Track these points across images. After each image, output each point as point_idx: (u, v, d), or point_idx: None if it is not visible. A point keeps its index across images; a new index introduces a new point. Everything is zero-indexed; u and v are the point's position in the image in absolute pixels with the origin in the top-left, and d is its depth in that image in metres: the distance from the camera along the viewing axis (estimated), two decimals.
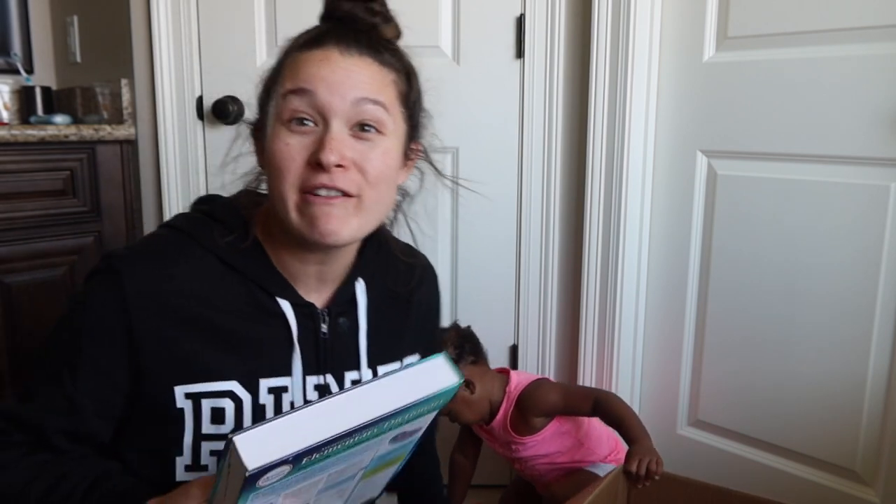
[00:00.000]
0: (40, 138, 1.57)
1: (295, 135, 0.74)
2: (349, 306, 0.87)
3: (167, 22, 1.59)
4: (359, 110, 0.74)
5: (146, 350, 0.76)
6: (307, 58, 0.76)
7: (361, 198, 0.76)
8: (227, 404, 0.78)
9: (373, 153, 0.75)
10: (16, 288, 1.59)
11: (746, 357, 1.43)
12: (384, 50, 0.79)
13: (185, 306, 0.77)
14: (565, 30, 1.54)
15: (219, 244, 0.80)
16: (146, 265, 0.77)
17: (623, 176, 1.49)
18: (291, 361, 0.81)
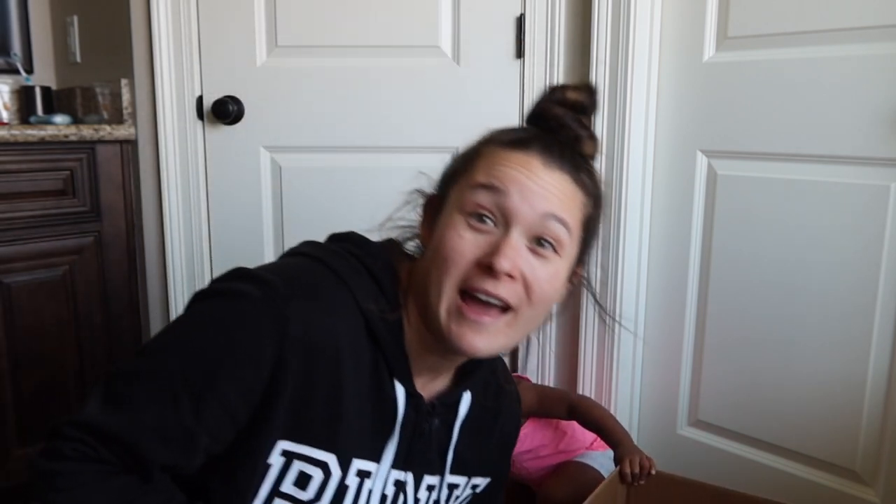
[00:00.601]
0: (40, 138, 1.57)
1: (471, 230, 0.71)
2: (448, 411, 0.84)
3: (167, 22, 1.59)
4: (543, 225, 0.71)
5: (280, 396, 0.69)
6: (507, 157, 0.73)
7: (517, 313, 0.72)
8: (316, 473, 0.74)
9: (543, 272, 0.72)
10: (16, 288, 1.59)
11: (746, 357, 1.43)
12: (582, 169, 0.76)
13: (330, 364, 0.71)
14: (565, 30, 1.54)
15: (372, 311, 0.74)
16: (314, 311, 0.70)
17: (623, 176, 1.49)
18: (384, 449, 0.78)
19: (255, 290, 0.70)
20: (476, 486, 0.93)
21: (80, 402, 1.71)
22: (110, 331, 1.74)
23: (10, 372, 1.60)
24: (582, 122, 0.77)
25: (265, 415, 0.70)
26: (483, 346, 0.72)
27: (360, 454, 0.76)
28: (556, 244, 0.72)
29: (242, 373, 0.68)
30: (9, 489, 1.68)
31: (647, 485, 1.18)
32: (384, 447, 0.78)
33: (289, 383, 0.69)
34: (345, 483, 0.76)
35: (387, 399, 0.76)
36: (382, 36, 1.59)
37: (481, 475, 0.92)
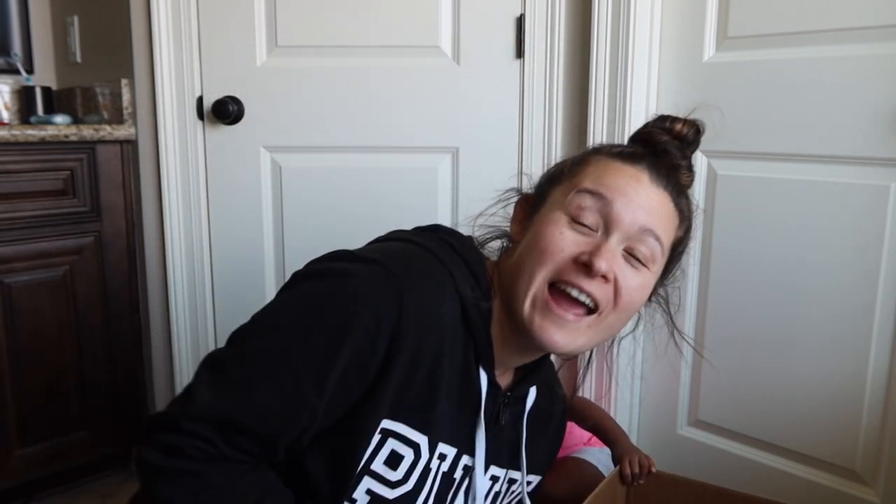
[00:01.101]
0: (40, 138, 1.57)
1: (573, 230, 0.74)
2: (516, 403, 0.87)
3: (167, 22, 1.59)
4: (641, 237, 0.74)
5: (390, 376, 0.70)
6: (618, 168, 0.76)
7: (601, 316, 0.75)
8: (408, 454, 0.75)
9: (634, 281, 0.75)
10: (16, 288, 1.59)
11: (746, 357, 1.43)
12: (683, 195, 0.80)
13: (435, 342, 0.73)
14: (565, 30, 1.54)
15: (468, 298, 0.76)
16: (426, 290, 0.72)
17: None
18: (475, 437, 0.81)
19: (365, 269, 0.71)
20: (529, 484, 0.95)
21: (80, 401, 1.72)
22: (110, 331, 1.74)
23: (10, 372, 1.60)
24: (684, 153, 0.82)
25: (377, 390, 0.70)
26: (563, 342, 0.74)
27: (445, 437, 0.78)
28: (649, 259, 0.75)
29: (362, 348, 0.68)
30: (9, 489, 1.68)
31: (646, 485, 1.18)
32: (468, 432, 0.80)
33: (401, 359, 0.70)
34: (429, 466, 0.77)
35: (471, 384, 0.78)
36: (382, 36, 1.59)
37: (536, 473, 0.95)
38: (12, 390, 1.61)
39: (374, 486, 0.75)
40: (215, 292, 1.72)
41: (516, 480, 0.92)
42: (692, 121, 0.84)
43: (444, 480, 0.80)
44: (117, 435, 1.81)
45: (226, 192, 1.67)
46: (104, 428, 1.77)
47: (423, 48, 1.59)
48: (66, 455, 1.72)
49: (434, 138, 1.62)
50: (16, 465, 1.64)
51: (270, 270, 1.71)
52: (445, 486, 0.81)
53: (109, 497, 1.80)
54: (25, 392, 1.63)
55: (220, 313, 1.73)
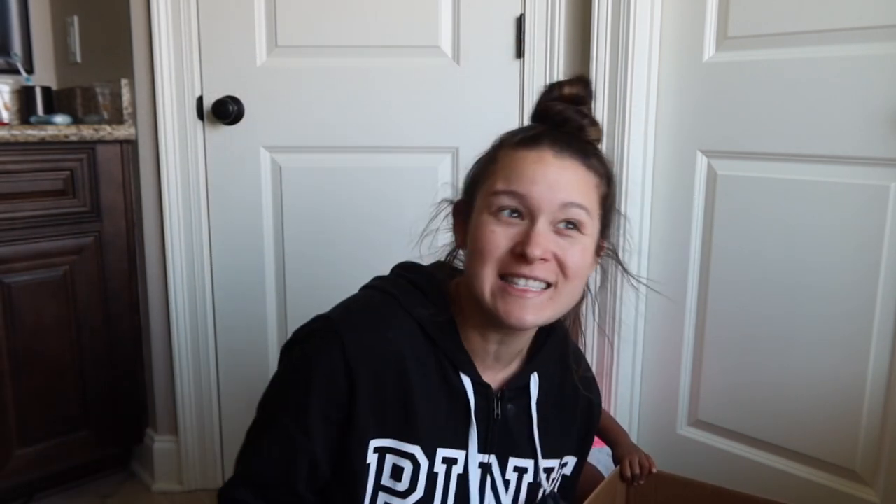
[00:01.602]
0: (40, 138, 1.57)
1: (502, 224, 0.79)
2: (520, 394, 0.91)
3: (167, 22, 1.59)
4: (564, 212, 0.79)
5: (360, 402, 0.81)
6: (523, 157, 0.81)
7: (557, 289, 0.81)
8: (406, 465, 0.84)
9: (572, 249, 0.80)
10: (16, 288, 1.59)
11: (746, 357, 1.43)
12: (591, 155, 0.83)
13: (393, 366, 0.83)
14: (565, 30, 1.54)
15: (423, 315, 0.85)
16: (362, 324, 0.84)
17: (623, 176, 1.49)
18: (468, 437, 0.87)
19: (319, 325, 0.84)
20: (565, 465, 1.00)
21: (80, 401, 1.72)
22: (110, 331, 1.74)
23: (10, 372, 1.60)
24: (583, 112, 0.85)
25: (355, 418, 0.82)
26: (530, 318, 0.80)
27: (443, 444, 0.85)
28: (580, 225, 0.80)
29: (327, 390, 0.81)
30: (9, 489, 1.68)
31: (647, 485, 1.18)
32: (467, 434, 0.87)
33: (363, 388, 0.81)
34: (433, 471, 0.85)
35: (456, 391, 0.86)
36: (382, 36, 1.59)
37: (569, 454, 1.00)
38: (12, 390, 1.61)
39: (389, 499, 0.84)
40: (215, 292, 1.72)
41: (553, 468, 0.96)
42: (576, 78, 0.88)
43: (461, 482, 0.86)
44: (117, 435, 1.81)
45: (226, 192, 1.67)
46: (104, 428, 1.77)
47: (423, 48, 1.59)
48: (66, 455, 1.72)
49: (434, 138, 1.62)
50: (16, 465, 1.64)
51: (270, 270, 1.71)
52: (464, 487, 0.87)
53: (109, 497, 1.80)
54: (25, 392, 1.63)
55: (220, 313, 1.73)
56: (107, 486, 1.84)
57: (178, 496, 1.79)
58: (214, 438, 1.79)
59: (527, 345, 0.92)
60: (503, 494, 0.90)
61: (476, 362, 0.88)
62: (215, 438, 1.79)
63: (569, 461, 1.01)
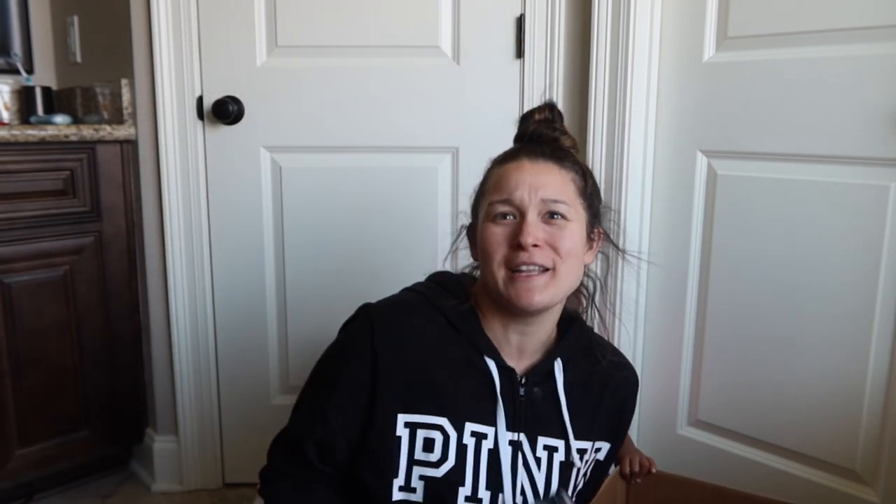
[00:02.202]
0: (40, 138, 1.57)
1: (500, 226, 0.93)
2: (545, 379, 1.00)
3: (167, 22, 1.59)
4: (547, 204, 0.93)
5: (383, 380, 0.93)
6: (505, 169, 0.96)
7: (556, 270, 0.92)
8: (437, 436, 0.93)
9: (561, 234, 0.93)
10: (16, 288, 1.59)
11: (746, 357, 1.43)
12: (564, 157, 0.98)
13: (418, 350, 0.95)
14: (565, 30, 1.54)
15: (446, 306, 0.98)
16: (393, 313, 0.97)
17: (623, 176, 1.49)
18: (496, 414, 0.96)
19: (359, 311, 0.99)
20: (599, 451, 1.07)
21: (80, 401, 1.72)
22: (110, 331, 1.74)
23: (10, 372, 1.60)
24: (554, 127, 1.03)
25: (380, 396, 0.93)
26: (539, 298, 0.91)
27: (471, 418, 0.94)
28: (563, 214, 0.93)
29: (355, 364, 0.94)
30: (9, 489, 1.68)
31: (647, 484, 1.18)
32: (494, 412, 0.95)
33: (388, 367, 0.93)
34: (463, 443, 0.94)
35: (481, 372, 0.96)
36: (382, 36, 1.59)
37: (602, 439, 1.07)
38: (12, 390, 1.61)
39: (423, 471, 0.93)
40: (215, 292, 1.72)
41: (586, 450, 1.03)
42: (544, 105, 1.06)
43: (492, 457, 0.95)
44: (117, 435, 1.81)
45: (226, 192, 1.67)
46: (104, 428, 1.77)
47: (423, 48, 1.59)
48: (66, 455, 1.72)
49: (434, 138, 1.62)
50: (16, 465, 1.64)
51: (270, 270, 1.71)
52: (496, 462, 0.95)
53: (109, 497, 1.80)
54: (25, 392, 1.63)
55: (220, 313, 1.73)
56: (107, 486, 1.84)
57: (178, 496, 1.79)
58: (214, 438, 1.79)
59: (549, 337, 1.02)
60: (535, 471, 0.97)
61: (501, 352, 0.97)
62: (215, 438, 1.79)
63: (602, 447, 1.07)
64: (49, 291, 1.64)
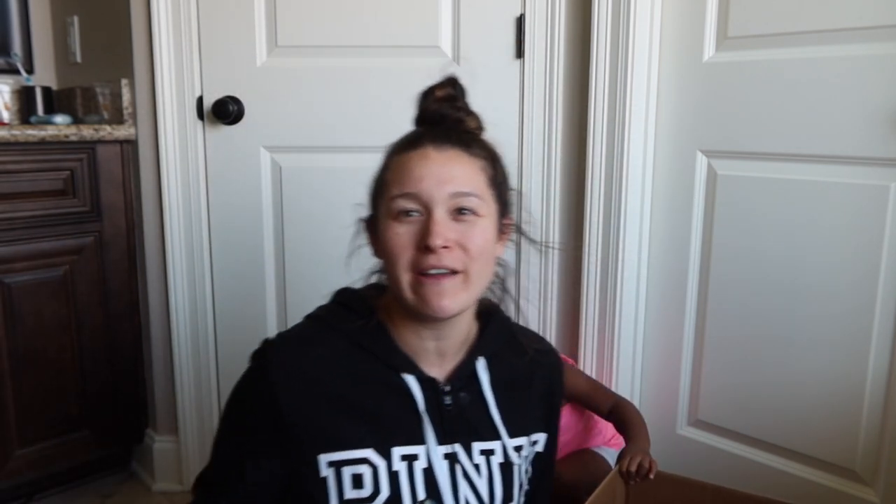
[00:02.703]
0: (40, 138, 1.57)
1: (404, 224, 0.85)
2: (470, 382, 0.93)
3: (167, 22, 1.59)
4: (455, 201, 0.84)
5: (293, 424, 0.85)
6: (408, 158, 0.87)
7: (467, 272, 0.85)
8: (364, 470, 0.86)
9: (472, 232, 0.85)
10: (16, 288, 1.59)
11: (746, 357, 1.43)
12: (471, 142, 0.90)
13: (324, 383, 0.87)
14: (565, 30, 1.54)
15: (349, 328, 0.90)
16: (289, 350, 0.89)
17: (623, 176, 1.49)
18: (424, 431, 0.89)
19: (251, 361, 0.91)
20: (536, 443, 1.01)
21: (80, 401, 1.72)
22: (110, 331, 1.74)
23: (10, 372, 1.60)
24: (457, 107, 0.94)
25: (295, 441, 0.85)
26: (448, 303, 0.84)
27: (398, 441, 0.88)
28: (473, 209, 0.85)
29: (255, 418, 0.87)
30: (9, 489, 1.68)
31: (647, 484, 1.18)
32: (423, 430, 0.89)
33: (296, 410, 0.85)
34: (393, 470, 0.87)
35: (400, 390, 0.89)
36: (382, 36, 1.59)
37: (538, 431, 1.01)
38: (12, 390, 1.61)
39: None
40: (215, 292, 1.72)
41: (522, 446, 0.97)
42: (445, 80, 0.96)
43: (428, 476, 0.88)
44: (117, 435, 1.81)
45: (226, 192, 1.67)
46: (104, 428, 1.77)
47: (423, 48, 1.59)
48: (66, 455, 1.72)
49: None
50: (16, 465, 1.64)
51: (270, 270, 1.71)
52: (432, 480, 0.88)
53: (109, 497, 1.80)
54: (26, 392, 1.63)
55: (219, 313, 1.73)
56: (107, 486, 1.84)
57: (177, 496, 1.79)
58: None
59: (470, 333, 0.95)
60: (476, 479, 0.91)
61: (420, 363, 0.91)
62: None
63: (538, 438, 1.01)
64: (49, 291, 1.64)
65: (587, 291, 1.57)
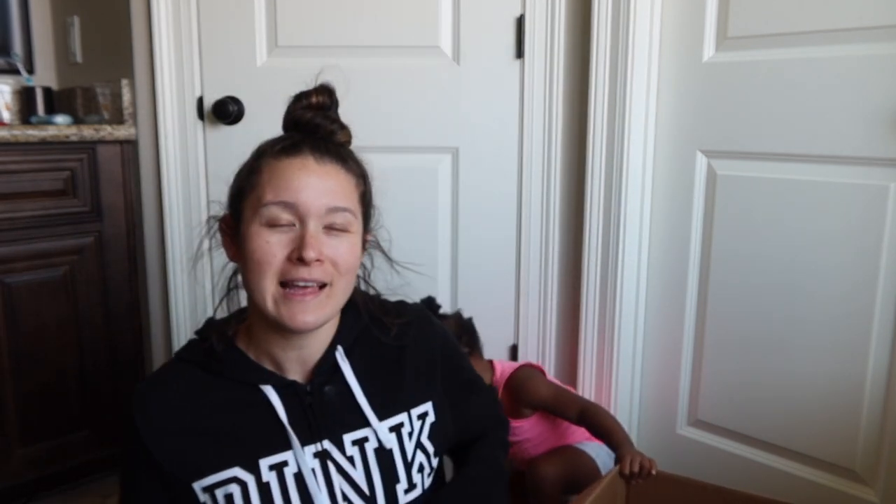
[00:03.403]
0: (41, 138, 1.57)
1: (275, 233, 0.84)
2: (332, 374, 0.93)
3: (167, 22, 1.59)
4: (331, 215, 0.85)
5: (166, 460, 0.87)
6: (286, 165, 0.85)
7: (332, 286, 0.86)
8: (234, 489, 0.86)
9: (342, 248, 0.86)
10: (16, 288, 1.59)
11: (746, 357, 1.43)
12: (347, 157, 0.91)
13: (182, 417, 0.88)
14: (565, 30, 1.54)
15: (198, 358, 0.92)
16: (147, 393, 0.91)
17: (623, 176, 1.49)
18: (286, 436, 0.88)
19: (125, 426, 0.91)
20: (425, 415, 0.98)
21: (81, 401, 1.72)
22: (110, 331, 1.75)
23: (11, 371, 1.60)
24: (331, 118, 0.93)
25: (171, 475, 0.87)
26: (313, 318, 0.85)
27: (263, 452, 0.87)
28: (346, 225, 0.86)
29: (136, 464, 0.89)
30: (9, 489, 1.68)
31: (647, 485, 1.18)
32: (285, 435, 0.88)
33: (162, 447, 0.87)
34: (263, 481, 0.87)
35: (258, 402, 0.89)
36: (382, 36, 1.59)
37: (418, 403, 0.98)
38: (13, 390, 1.61)
39: None
40: (215, 292, 1.72)
41: (402, 423, 0.95)
42: (320, 87, 0.95)
43: (299, 480, 0.88)
44: (117, 435, 1.80)
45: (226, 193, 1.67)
46: (104, 428, 1.77)
47: (423, 48, 1.59)
48: (66, 455, 1.72)
49: (434, 138, 1.62)
50: (16, 465, 1.64)
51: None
52: (303, 483, 0.88)
53: (109, 497, 1.80)
54: (26, 392, 1.63)
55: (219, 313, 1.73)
56: (107, 486, 1.84)
57: None
58: None
59: (330, 335, 0.94)
60: (352, 472, 0.91)
61: (285, 371, 0.91)
62: None
63: (426, 409, 0.98)
64: (49, 291, 1.64)
65: (587, 291, 1.57)
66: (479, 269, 1.66)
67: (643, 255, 1.55)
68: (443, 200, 1.64)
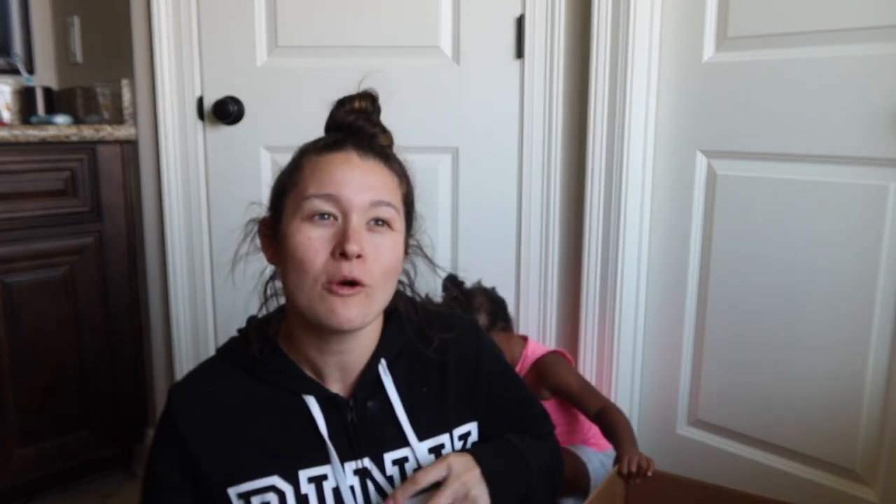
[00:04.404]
0: (41, 138, 1.57)
1: (318, 228, 0.81)
2: (375, 389, 0.91)
3: (167, 22, 1.60)
4: (375, 210, 0.83)
5: (203, 461, 0.86)
6: (329, 160, 0.85)
7: (373, 287, 0.82)
8: (272, 498, 0.85)
9: (385, 246, 0.84)
10: (16, 288, 1.59)
11: (746, 357, 1.43)
12: (390, 157, 0.90)
13: (225, 418, 0.87)
14: (565, 30, 1.54)
15: (242, 360, 0.90)
16: (188, 391, 0.90)
17: (623, 176, 1.49)
18: (328, 451, 0.87)
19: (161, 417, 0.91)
20: (467, 435, 0.96)
21: (81, 401, 1.72)
22: (111, 331, 1.75)
23: (11, 372, 1.60)
24: (373, 122, 0.93)
25: (206, 478, 0.86)
26: (354, 315, 0.81)
27: (304, 464, 0.86)
28: (389, 222, 0.84)
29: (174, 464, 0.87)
30: (9, 489, 1.68)
31: (646, 484, 1.18)
32: (326, 450, 0.87)
33: (201, 447, 0.85)
34: (301, 493, 0.86)
35: (300, 412, 0.88)
36: (382, 36, 1.59)
37: (465, 423, 0.96)
38: (13, 390, 1.61)
39: None
40: (215, 292, 1.72)
41: (443, 444, 0.93)
42: (363, 93, 0.95)
43: (337, 496, 0.87)
44: (117, 435, 1.81)
45: (226, 192, 1.67)
46: (104, 428, 1.77)
47: (423, 48, 1.59)
48: (66, 455, 1.72)
49: (434, 138, 1.62)
50: (16, 465, 1.64)
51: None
52: (341, 500, 0.87)
53: (109, 497, 1.80)
54: (26, 392, 1.63)
55: (220, 313, 1.73)
56: (107, 486, 1.84)
57: None
58: None
59: (372, 346, 0.91)
60: (391, 491, 0.88)
61: (324, 380, 0.89)
62: None
63: (469, 429, 0.96)
64: (49, 291, 1.64)
65: (587, 291, 1.57)
66: (479, 270, 1.65)
67: (643, 255, 1.55)
68: (443, 200, 1.64)
